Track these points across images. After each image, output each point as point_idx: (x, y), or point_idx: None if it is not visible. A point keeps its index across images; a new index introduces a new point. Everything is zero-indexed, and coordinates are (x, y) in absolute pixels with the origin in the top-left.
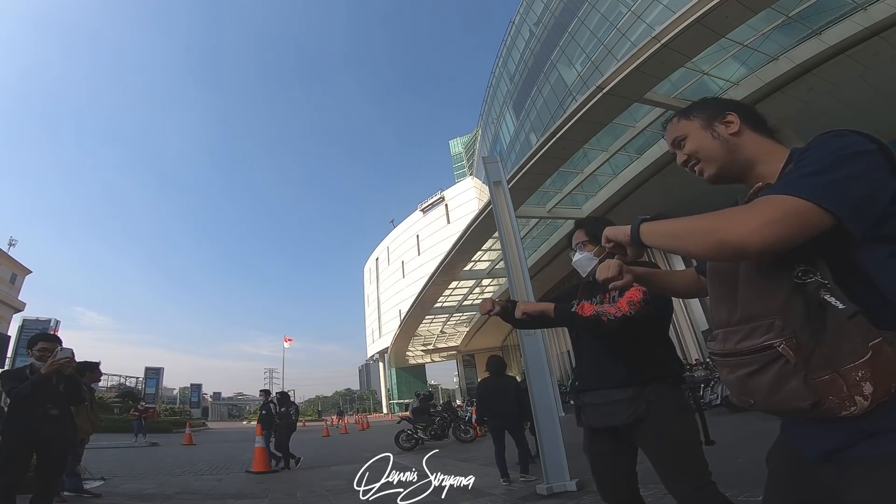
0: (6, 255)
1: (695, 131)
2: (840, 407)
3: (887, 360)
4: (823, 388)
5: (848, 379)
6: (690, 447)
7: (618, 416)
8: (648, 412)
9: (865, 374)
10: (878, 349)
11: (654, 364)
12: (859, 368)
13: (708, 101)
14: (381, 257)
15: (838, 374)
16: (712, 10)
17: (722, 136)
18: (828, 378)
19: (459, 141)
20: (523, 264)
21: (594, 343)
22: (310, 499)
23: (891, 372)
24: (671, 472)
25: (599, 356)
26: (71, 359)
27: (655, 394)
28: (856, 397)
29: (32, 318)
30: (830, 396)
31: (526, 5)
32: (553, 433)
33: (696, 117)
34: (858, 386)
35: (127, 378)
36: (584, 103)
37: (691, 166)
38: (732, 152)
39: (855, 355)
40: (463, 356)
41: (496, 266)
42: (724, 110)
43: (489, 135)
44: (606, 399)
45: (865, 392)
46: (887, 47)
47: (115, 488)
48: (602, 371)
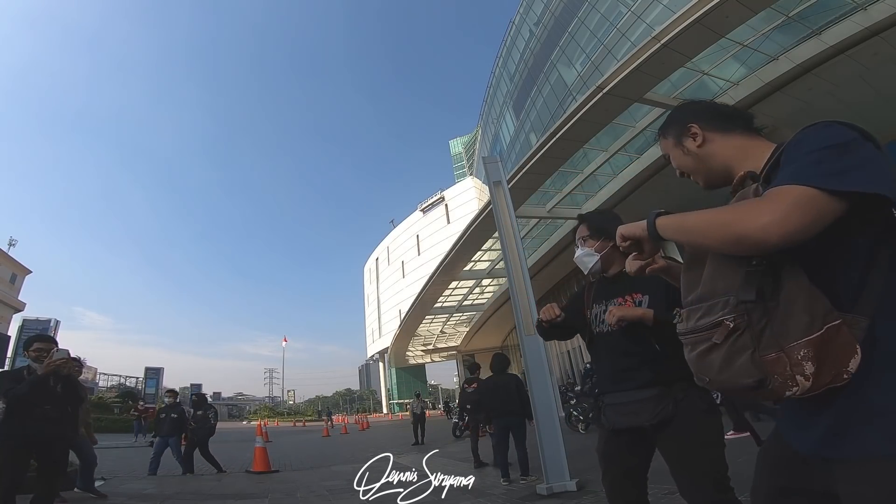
0: (6, 255)
1: (672, 150)
2: (783, 387)
3: (840, 343)
4: (769, 366)
5: (791, 357)
6: (716, 450)
7: (642, 416)
8: (676, 412)
9: (808, 354)
10: (835, 330)
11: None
12: (802, 347)
13: (674, 116)
14: (381, 257)
15: (783, 351)
16: (712, 10)
17: (691, 151)
18: (773, 356)
19: (459, 141)
20: (523, 264)
21: (616, 343)
22: (310, 499)
23: (842, 354)
24: (693, 476)
25: (619, 358)
26: (67, 359)
27: (683, 392)
28: (797, 377)
29: (32, 318)
30: (775, 375)
31: (526, 5)
32: (553, 433)
33: (670, 136)
34: (800, 365)
35: (127, 378)
36: (584, 103)
37: (687, 177)
38: (705, 162)
39: (800, 333)
40: (463, 356)
41: (496, 266)
42: (686, 123)
43: (489, 135)
44: (630, 399)
45: (807, 372)
46: (887, 47)
47: (115, 488)
48: (623, 372)
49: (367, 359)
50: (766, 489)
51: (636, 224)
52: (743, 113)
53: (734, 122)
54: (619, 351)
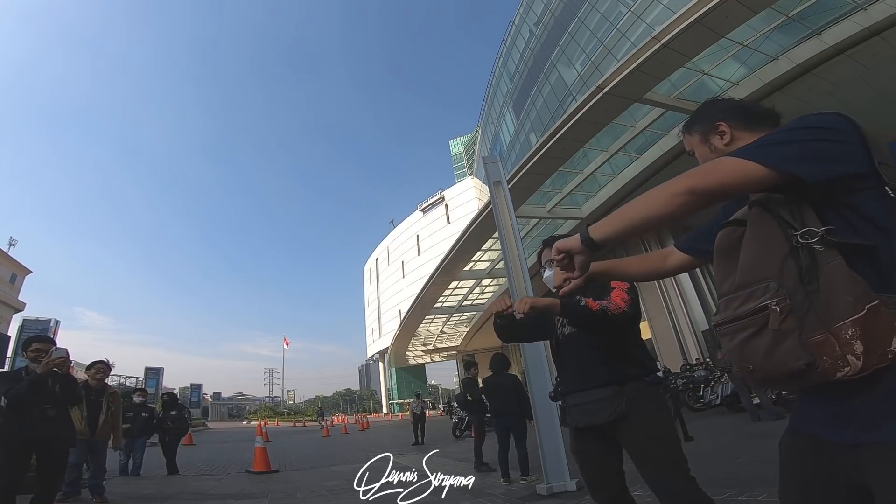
0: (6, 255)
1: (698, 147)
2: (834, 368)
3: (883, 322)
4: (817, 348)
5: (839, 337)
6: (671, 442)
7: (599, 415)
8: (629, 409)
9: (856, 333)
10: (875, 311)
11: (634, 363)
12: (849, 326)
13: (702, 112)
14: (381, 257)
15: (830, 332)
16: (712, 10)
17: (718, 148)
18: (821, 338)
19: (459, 141)
20: (523, 264)
21: (576, 346)
22: (310, 499)
23: (885, 333)
24: (653, 469)
25: (582, 358)
26: (65, 359)
27: (635, 391)
28: (848, 356)
29: (32, 318)
30: (824, 357)
31: (526, 5)
32: (553, 433)
33: (696, 132)
34: (849, 344)
35: (127, 378)
36: (584, 103)
37: None
38: None
39: (845, 313)
40: (463, 356)
41: (496, 266)
42: (715, 120)
43: (489, 135)
44: (588, 399)
45: (857, 351)
46: (887, 47)
47: (115, 488)
48: (585, 372)
49: (367, 359)
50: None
51: (571, 237)
52: (771, 112)
53: (762, 121)
54: (582, 351)
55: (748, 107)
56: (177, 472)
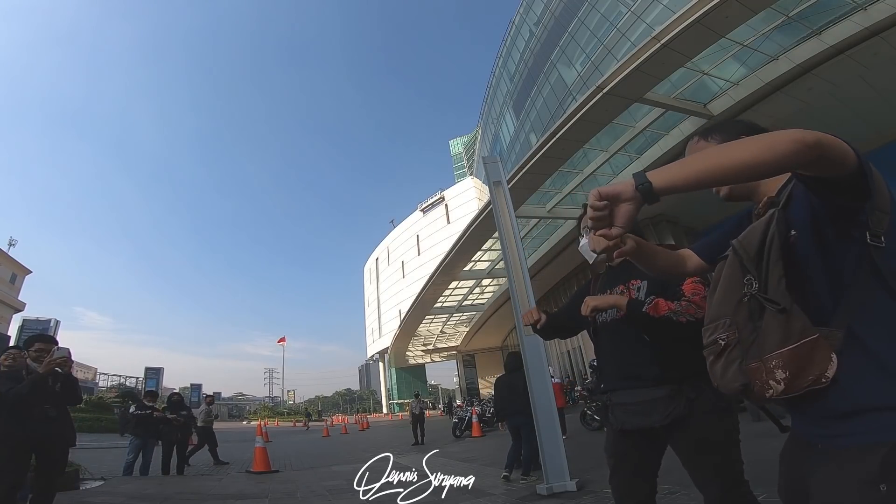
0: (6, 255)
1: None
2: (763, 389)
3: (818, 353)
4: (751, 373)
5: (766, 365)
6: (731, 449)
7: (653, 417)
8: (688, 411)
9: (779, 363)
10: (812, 343)
11: (691, 359)
12: (774, 357)
13: (725, 125)
14: (381, 257)
15: (761, 361)
16: (712, 10)
17: None
18: (755, 365)
19: (459, 141)
20: (523, 264)
21: (621, 336)
22: (310, 499)
23: (819, 363)
24: (708, 474)
25: (629, 352)
26: (67, 358)
27: (696, 391)
28: (770, 381)
29: (32, 318)
30: (756, 380)
31: (526, 5)
32: (553, 433)
33: (714, 139)
34: (772, 372)
35: (127, 378)
36: (584, 103)
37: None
38: None
39: (774, 346)
40: (463, 356)
41: (496, 266)
42: (740, 133)
43: (489, 135)
44: (640, 398)
45: (778, 377)
46: (887, 47)
47: (115, 488)
48: (632, 368)
49: (367, 359)
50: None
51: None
52: None
53: None
54: (626, 344)
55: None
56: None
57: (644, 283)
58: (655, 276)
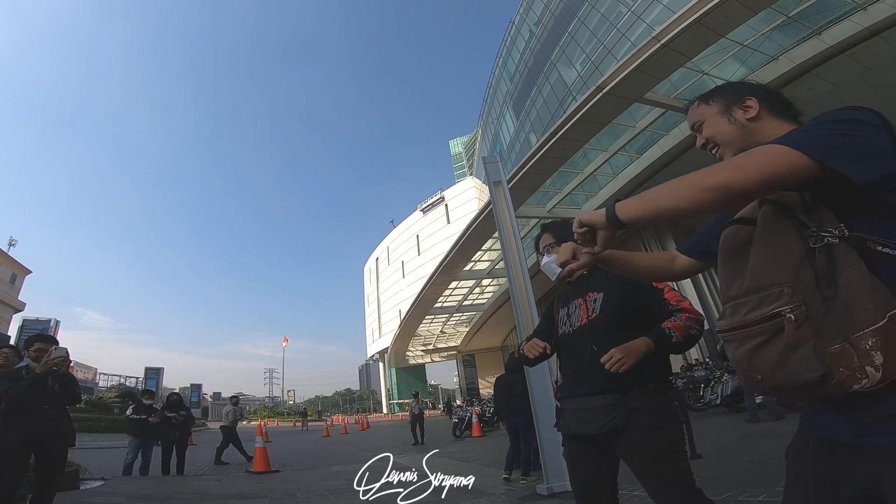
0: (6, 255)
1: (712, 116)
2: (851, 379)
3: None
4: (833, 359)
5: (858, 348)
6: (674, 459)
7: (593, 424)
8: (627, 421)
9: (876, 343)
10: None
11: (637, 369)
12: (870, 336)
13: (729, 86)
14: (381, 257)
15: (848, 342)
16: (712, 10)
17: (739, 120)
18: (838, 348)
19: (459, 141)
20: (523, 264)
21: (575, 346)
22: (310, 499)
23: None
24: (654, 484)
25: (580, 360)
26: (65, 358)
27: (635, 401)
28: (867, 367)
29: (32, 318)
30: (841, 368)
31: (526, 5)
32: (553, 433)
33: (716, 102)
34: (869, 355)
35: (127, 378)
36: (584, 103)
37: (710, 149)
38: (748, 137)
39: (865, 323)
40: (463, 356)
41: (496, 266)
42: (744, 95)
43: (489, 135)
44: (585, 405)
45: (876, 362)
46: (887, 47)
47: (115, 488)
48: (581, 376)
49: (367, 359)
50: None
51: (595, 211)
52: (796, 107)
53: (789, 110)
54: (578, 354)
55: (777, 92)
56: (183, 470)
57: (600, 295)
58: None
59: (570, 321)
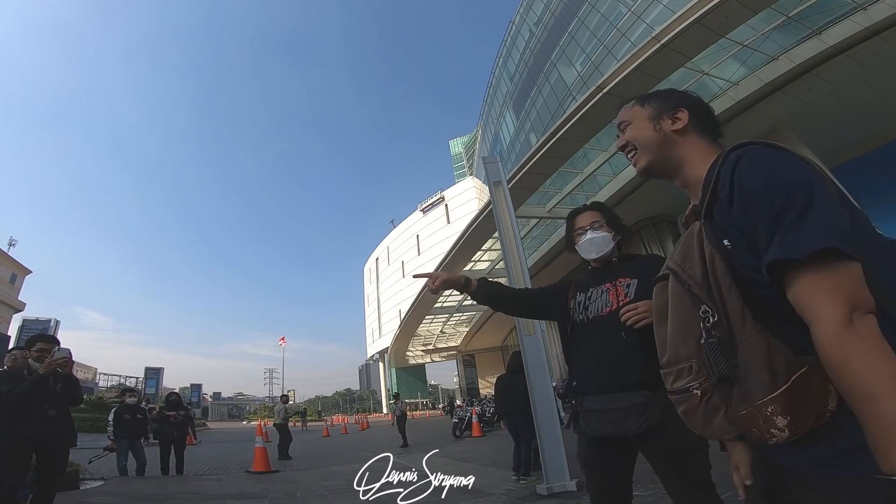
0: (6, 255)
1: (640, 120)
2: (763, 437)
3: (814, 387)
4: (745, 422)
5: (761, 413)
6: (701, 455)
7: (626, 425)
8: (662, 420)
9: (776, 409)
10: (804, 378)
11: None
12: (769, 404)
13: (668, 93)
14: (381, 257)
15: (754, 408)
16: (712, 10)
17: (663, 129)
18: (745, 413)
19: (459, 141)
20: (523, 264)
21: (602, 336)
22: (310, 499)
23: (818, 396)
24: (678, 480)
25: (609, 354)
26: (68, 358)
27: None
28: (772, 430)
29: (32, 318)
30: (753, 429)
31: (526, 5)
32: (553, 433)
33: (650, 106)
34: (771, 420)
35: (127, 378)
36: (584, 103)
37: (627, 152)
38: (667, 148)
39: (764, 392)
40: (463, 356)
41: (496, 266)
42: (677, 105)
43: (489, 135)
44: (613, 405)
45: (779, 425)
46: (887, 47)
47: (115, 488)
48: (611, 371)
49: (367, 359)
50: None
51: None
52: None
53: (714, 130)
54: (606, 346)
55: (710, 109)
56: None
57: (634, 281)
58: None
59: (595, 307)
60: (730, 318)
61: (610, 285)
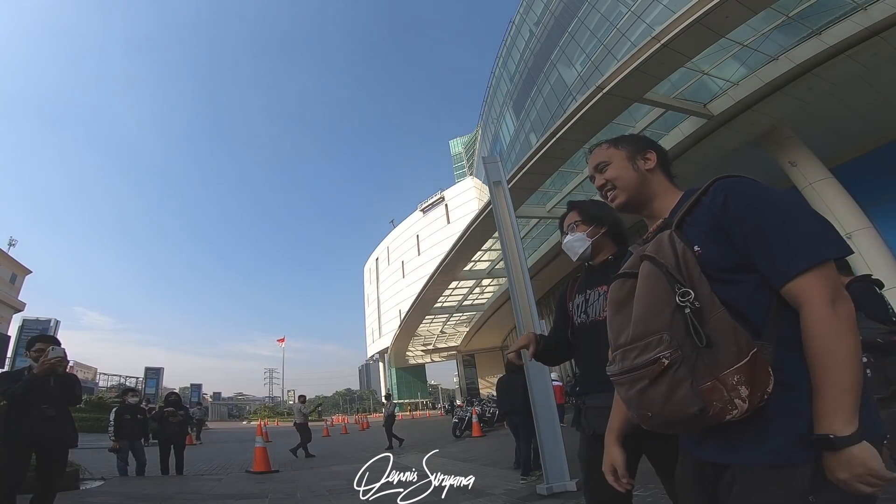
0: (6, 255)
1: (619, 160)
2: (724, 411)
3: (761, 368)
4: (707, 394)
5: (726, 384)
6: None
7: None
8: None
9: (741, 379)
10: (756, 357)
11: None
12: (734, 373)
13: (635, 137)
14: (381, 257)
15: (717, 380)
16: (712, 10)
17: (640, 169)
18: (710, 385)
19: (459, 141)
20: (523, 264)
21: (597, 341)
22: (310, 499)
23: (763, 378)
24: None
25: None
26: (62, 358)
27: None
28: (735, 400)
29: (32, 318)
30: (714, 402)
31: (526, 5)
32: (553, 433)
33: (624, 148)
34: (736, 389)
35: (127, 378)
36: (584, 103)
37: (606, 191)
38: (643, 185)
39: (731, 362)
40: (463, 356)
41: (496, 266)
42: (647, 148)
43: (489, 135)
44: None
45: (742, 395)
46: (887, 47)
47: (115, 488)
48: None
49: (367, 359)
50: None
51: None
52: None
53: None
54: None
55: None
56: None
57: None
58: None
59: (593, 311)
60: (700, 298)
61: (606, 288)
